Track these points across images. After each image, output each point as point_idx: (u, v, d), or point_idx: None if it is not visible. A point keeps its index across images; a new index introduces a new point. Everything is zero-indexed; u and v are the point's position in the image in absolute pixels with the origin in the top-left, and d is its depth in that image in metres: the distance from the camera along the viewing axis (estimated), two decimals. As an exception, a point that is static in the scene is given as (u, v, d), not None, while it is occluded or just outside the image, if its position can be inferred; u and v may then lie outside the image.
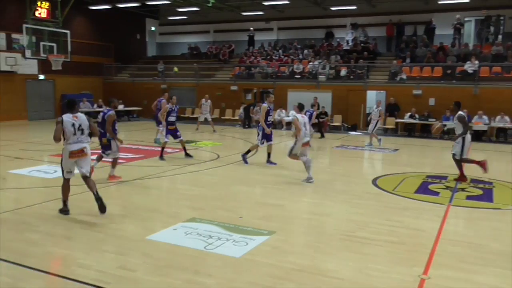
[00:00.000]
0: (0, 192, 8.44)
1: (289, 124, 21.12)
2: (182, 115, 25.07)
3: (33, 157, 12.02)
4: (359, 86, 21.66)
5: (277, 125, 21.62)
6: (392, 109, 20.42)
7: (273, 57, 25.92)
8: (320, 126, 19.01)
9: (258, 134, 11.62)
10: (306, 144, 9.67)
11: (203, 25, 30.48)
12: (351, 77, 22.31)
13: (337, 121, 21.81)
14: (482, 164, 9.75)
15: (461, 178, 9.87)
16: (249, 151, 11.76)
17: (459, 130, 9.77)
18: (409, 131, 19.98)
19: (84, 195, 8.30)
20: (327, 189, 9.15)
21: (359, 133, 20.49)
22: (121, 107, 25.41)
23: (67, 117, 6.75)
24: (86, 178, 6.96)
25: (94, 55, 27.31)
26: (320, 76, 22.59)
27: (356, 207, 7.75)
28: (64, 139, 6.76)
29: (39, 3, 19.75)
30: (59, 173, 9.84)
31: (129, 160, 11.97)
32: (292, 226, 6.60)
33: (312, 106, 16.95)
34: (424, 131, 19.66)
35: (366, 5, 24.37)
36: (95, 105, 24.28)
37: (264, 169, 11.20)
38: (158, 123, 14.49)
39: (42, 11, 19.95)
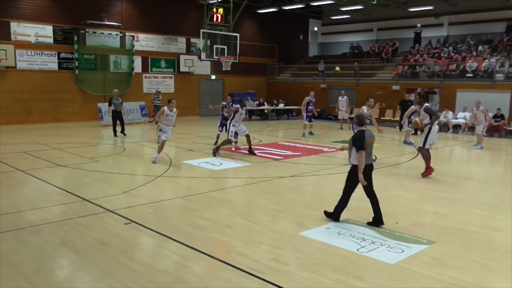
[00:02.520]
0: (175, 179, 9.52)
1: (456, 127, 19.47)
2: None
3: (203, 149, 13.23)
4: (546, 85, 18.79)
5: (443, 127, 20.07)
6: None
7: (442, 54, 24.08)
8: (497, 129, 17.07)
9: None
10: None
11: (366, 24, 29.84)
12: (537, 75, 19.47)
13: (516, 125, 19.27)
14: (427, 172, 9.90)
15: (428, 171, 9.94)
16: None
17: (426, 120, 10.04)
18: None
19: (245, 188, 8.84)
20: (499, 201, 8.16)
21: (543, 140, 17.79)
22: (281, 105, 26.44)
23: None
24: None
25: (259, 56, 28.88)
26: (497, 75, 20.20)
27: (536, 224, 6.75)
28: None
29: (214, 10, 21.66)
30: (225, 166, 10.72)
31: (287, 157, 12.36)
32: (456, 238, 6.05)
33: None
34: None
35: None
36: (257, 103, 25.64)
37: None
38: (308, 119, 17.04)
39: (217, 17, 21.85)
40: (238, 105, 12.28)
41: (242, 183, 9.26)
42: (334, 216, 6.61)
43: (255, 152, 12.42)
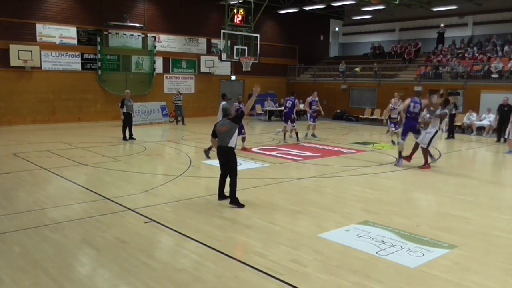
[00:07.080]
0: (194, 179, 9.58)
1: (480, 129, 19.08)
2: (361, 116, 24.86)
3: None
4: None
5: (466, 129, 19.72)
6: None
7: (466, 55, 23.64)
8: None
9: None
10: None
11: (388, 24, 29.56)
12: None
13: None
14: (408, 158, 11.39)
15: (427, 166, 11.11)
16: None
17: (435, 123, 10.95)
18: None
19: (264, 189, 8.84)
20: (524, 205, 7.97)
21: None
22: (301, 106, 26.31)
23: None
24: None
25: (280, 57, 28.86)
26: (523, 76, 19.74)
27: (563, 229, 6.57)
28: None
29: (235, 11, 21.74)
30: (244, 166, 10.70)
31: (306, 158, 12.32)
32: (478, 242, 5.93)
33: None
34: None
35: None
36: (277, 104, 25.63)
37: (447, 177, 10.33)
38: (312, 119, 16.86)
39: (238, 18, 21.92)
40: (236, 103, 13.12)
41: (261, 183, 9.26)
42: (219, 196, 7.75)
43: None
